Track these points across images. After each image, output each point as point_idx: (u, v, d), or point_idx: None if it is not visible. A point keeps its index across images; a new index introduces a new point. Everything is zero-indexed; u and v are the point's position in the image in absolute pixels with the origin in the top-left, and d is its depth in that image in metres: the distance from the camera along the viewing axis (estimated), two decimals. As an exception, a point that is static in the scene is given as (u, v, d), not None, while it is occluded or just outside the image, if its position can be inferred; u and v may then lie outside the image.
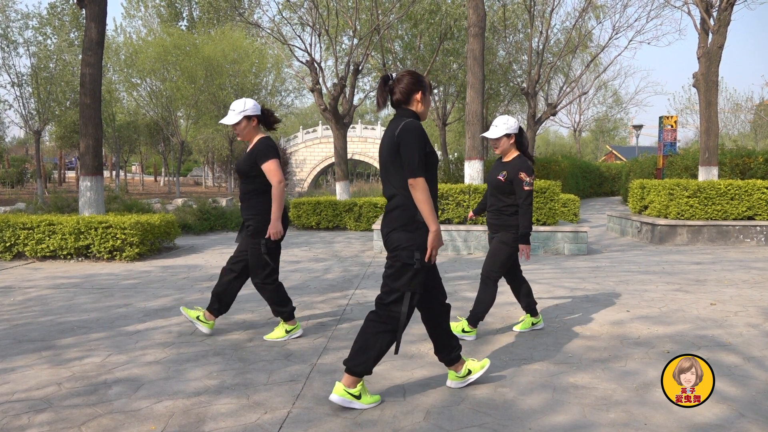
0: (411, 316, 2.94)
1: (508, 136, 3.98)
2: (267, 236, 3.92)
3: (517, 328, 4.33)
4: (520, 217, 3.89)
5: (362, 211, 12.54)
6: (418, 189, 2.77)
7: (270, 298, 4.13)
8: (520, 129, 4.04)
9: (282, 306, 4.16)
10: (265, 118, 4.10)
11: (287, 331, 4.20)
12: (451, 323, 3.71)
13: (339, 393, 2.88)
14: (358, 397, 2.89)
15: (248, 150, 4.05)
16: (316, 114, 52.70)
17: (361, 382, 2.92)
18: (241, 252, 4.17)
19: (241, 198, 4.10)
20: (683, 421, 2.73)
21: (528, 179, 3.84)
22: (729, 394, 3.06)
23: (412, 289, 2.86)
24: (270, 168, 3.92)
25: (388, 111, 3.24)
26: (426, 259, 2.84)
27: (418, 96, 2.94)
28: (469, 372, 3.17)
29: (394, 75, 2.98)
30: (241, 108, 3.96)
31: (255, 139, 4.04)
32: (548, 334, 4.23)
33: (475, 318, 4.10)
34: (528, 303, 4.27)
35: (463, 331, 4.11)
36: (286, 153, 38.24)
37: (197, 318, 4.18)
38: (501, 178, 3.97)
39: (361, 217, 12.54)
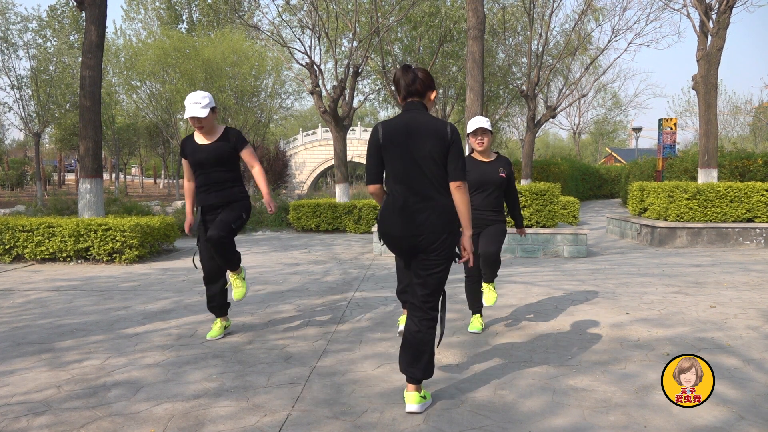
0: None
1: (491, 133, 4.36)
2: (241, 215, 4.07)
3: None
4: (519, 210, 4.44)
5: (362, 213, 12.54)
6: (466, 191, 2.83)
7: (228, 250, 4.07)
8: None
9: (235, 254, 4.19)
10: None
11: (243, 278, 4.29)
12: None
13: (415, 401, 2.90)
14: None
15: (215, 139, 4.00)
16: (316, 116, 52.73)
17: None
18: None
19: (217, 188, 4.04)
20: (683, 424, 2.73)
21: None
22: (729, 396, 3.06)
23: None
24: (250, 151, 4.09)
25: (389, 113, 3.21)
26: (462, 261, 2.90)
27: (433, 95, 2.96)
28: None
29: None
30: (207, 101, 3.91)
31: (220, 129, 4.04)
32: (548, 337, 4.22)
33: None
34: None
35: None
36: (286, 155, 38.25)
37: (225, 328, 4.31)
38: (502, 174, 4.23)
39: (361, 219, 12.54)
